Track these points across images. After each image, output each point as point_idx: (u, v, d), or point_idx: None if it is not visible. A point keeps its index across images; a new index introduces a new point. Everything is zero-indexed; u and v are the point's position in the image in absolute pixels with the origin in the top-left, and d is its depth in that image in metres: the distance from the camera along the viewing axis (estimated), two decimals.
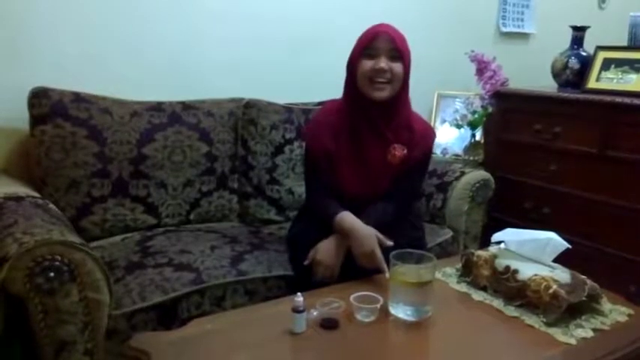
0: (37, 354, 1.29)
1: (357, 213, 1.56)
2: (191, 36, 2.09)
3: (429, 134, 1.67)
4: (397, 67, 1.52)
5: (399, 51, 1.52)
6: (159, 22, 2.02)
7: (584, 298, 1.27)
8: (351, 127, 1.60)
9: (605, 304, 1.33)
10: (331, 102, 1.72)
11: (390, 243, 1.45)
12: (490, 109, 2.45)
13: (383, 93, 1.53)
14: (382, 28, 1.54)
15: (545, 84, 2.45)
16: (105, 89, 1.85)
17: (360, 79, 1.54)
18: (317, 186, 1.64)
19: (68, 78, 1.81)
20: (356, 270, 1.47)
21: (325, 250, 1.49)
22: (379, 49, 1.51)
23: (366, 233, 1.47)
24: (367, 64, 1.52)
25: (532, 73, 2.51)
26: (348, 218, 1.51)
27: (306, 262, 1.50)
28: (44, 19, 1.81)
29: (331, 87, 1.88)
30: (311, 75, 2.33)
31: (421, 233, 1.75)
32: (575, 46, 2.36)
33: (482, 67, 2.43)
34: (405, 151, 1.59)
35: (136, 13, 1.97)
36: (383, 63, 1.50)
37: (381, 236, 1.47)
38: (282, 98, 2.14)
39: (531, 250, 1.39)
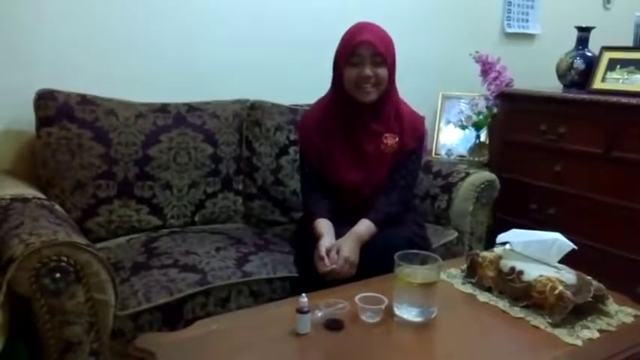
0: (43, 354, 1.30)
1: (357, 205, 1.61)
2: (196, 37, 2.10)
3: (418, 121, 1.73)
4: (381, 71, 1.58)
5: (381, 56, 1.57)
6: (164, 24, 2.03)
7: (589, 299, 1.27)
8: (342, 124, 1.66)
9: (611, 305, 1.32)
10: (320, 100, 1.76)
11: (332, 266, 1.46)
12: (495, 110, 2.45)
13: (370, 96, 1.60)
14: (364, 37, 1.57)
15: (551, 85, 2.44)
16: (110, 91, 1.86)
17: (347, 85, 1.61)
18: (307, 183, 1.72)
19: (74, 80, 1.82)
20: (363, 270, 1.48)
21: (350, 248, 1.50)
22: (363, 57, 1.57)
23: (326, 243, 1.51)
24: (352, 72, 1.58)
25: (537, 73, 2.50)
26: (322, 225, 1.56)
27: (328, 266, 1.47)
28: (50, 21, 1.82)
29: None
30: (316, 76, 2.32)
31: (424, 230, 1.76)
32: (581, 47, 2.35)
33: (486, 68, 2.43)
34: (397, 139, 1.65)
35: (141, 14, 1.98)
36: (367, 70, 1.57)
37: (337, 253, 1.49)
38: (286, 99, 2.15)
39: (537, 251, 1.38)
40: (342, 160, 1.66)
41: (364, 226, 1.56)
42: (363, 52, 1.57)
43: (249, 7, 2.19)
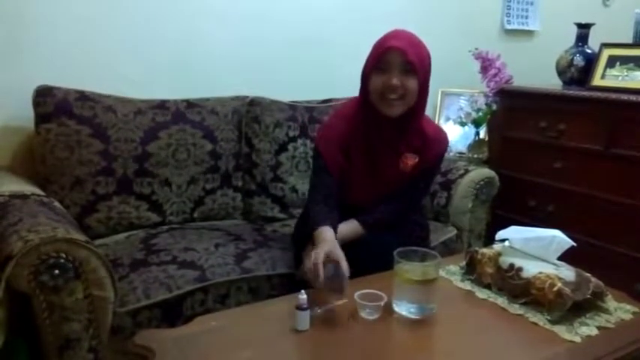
0: (42, 351, 1.30)
1: (361, 210, 1.56)
2: (195, 34, 2.09)
3: (442, 140, 1.63)
4: (411, 82, 1.45)
5: (411, 64, 1.43)
6: (163, 21, 2.02)
7: (588, 296, 1.27)
8: (363, 138, 1.56)
9: (610, 302, 1.32)
10: (345, 107, 1.66)
11: (346, 274, 1.26)
12: (494, 107, 2.45)
13: (395, 110, 1.48)
14: (394, 43, 1.44)
15: (550, 81, 2.44)
16: (109, 87, 1.85)
17: (373, 95, 1.48)
18: (319, 191, 1.55)
19: (73, 76, 1.82)
20: (361, 265, 1.47)
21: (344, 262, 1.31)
22: (391, 64, 1.44)
23: (326, 248, 1.31)
24: (378, 80, 1.46)
25: (537, 70, 2.50)
26: (325, 233, 1.39)
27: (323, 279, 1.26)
28: (49, 17, 1.82)
29: (334, 85, 1.89)
30: (315, 73, 2.33)
31: (425, 231, 1.75)
32: (580, 44, 2.35)
33: (486, 65, 2.43)
34: (417, 159, 1.57)
35: (140, 11, 1.98)
36: (394, 79, 1.43)
37: (343, 265, 1.29)
38: (285, 96, 2.14)
39: (536, 248, 1.38)
40: (360, 179, 1.58)
41: (348, 227, 1.51)
42: (391, 59, 1.43)
43: (249, 5, 2.18)
